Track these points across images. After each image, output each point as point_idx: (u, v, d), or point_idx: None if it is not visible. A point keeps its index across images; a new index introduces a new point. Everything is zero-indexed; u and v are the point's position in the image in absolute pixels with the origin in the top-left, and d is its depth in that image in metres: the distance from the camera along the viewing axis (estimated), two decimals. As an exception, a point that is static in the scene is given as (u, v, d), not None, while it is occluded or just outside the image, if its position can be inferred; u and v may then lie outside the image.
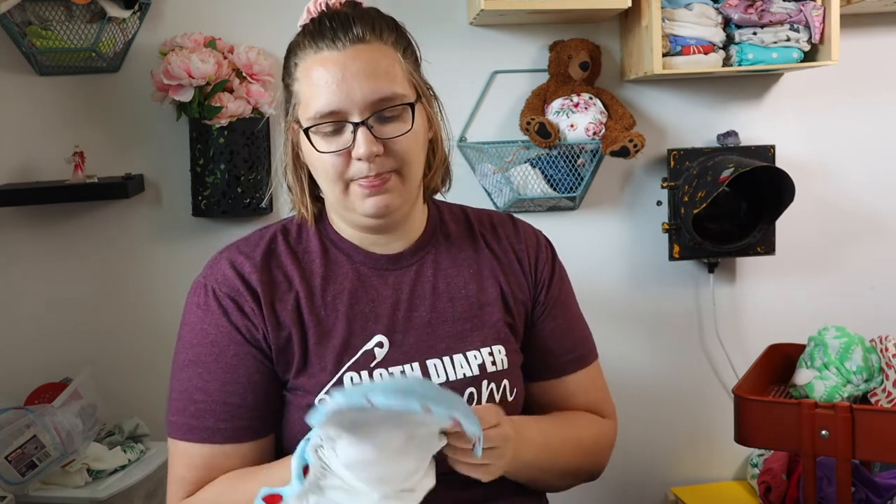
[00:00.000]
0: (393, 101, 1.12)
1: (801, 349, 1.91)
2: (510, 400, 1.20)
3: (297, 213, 1.24)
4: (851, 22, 2.23)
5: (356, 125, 1.10)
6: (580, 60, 2.08)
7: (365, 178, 1.12)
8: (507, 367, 1.20)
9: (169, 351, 1.21)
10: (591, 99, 2.08)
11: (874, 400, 1.76)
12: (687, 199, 2.11)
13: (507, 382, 1.19)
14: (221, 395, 1.13)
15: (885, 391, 1.76)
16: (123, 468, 1.84)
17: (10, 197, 1.87)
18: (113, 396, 2.01)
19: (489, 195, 2.15)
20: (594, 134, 2.03)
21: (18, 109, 1.99)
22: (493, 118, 2.16)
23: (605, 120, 2.07)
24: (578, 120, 2.03)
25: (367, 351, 1.15)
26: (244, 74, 1.95)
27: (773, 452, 2.09)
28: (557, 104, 2.07)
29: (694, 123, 2.24)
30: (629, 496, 2.30)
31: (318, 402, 1.12)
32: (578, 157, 2.08)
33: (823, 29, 2.05)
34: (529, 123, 2.03)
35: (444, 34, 2.10)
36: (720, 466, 2.33)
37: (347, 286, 1.18)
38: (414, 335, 1.17)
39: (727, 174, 2.00)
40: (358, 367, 1.14)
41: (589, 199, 2.21)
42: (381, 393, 0.89)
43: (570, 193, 2.10)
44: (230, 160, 1.96)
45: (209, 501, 1.13)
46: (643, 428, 2.24)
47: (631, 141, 1.99)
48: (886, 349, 1.79)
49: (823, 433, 1.62)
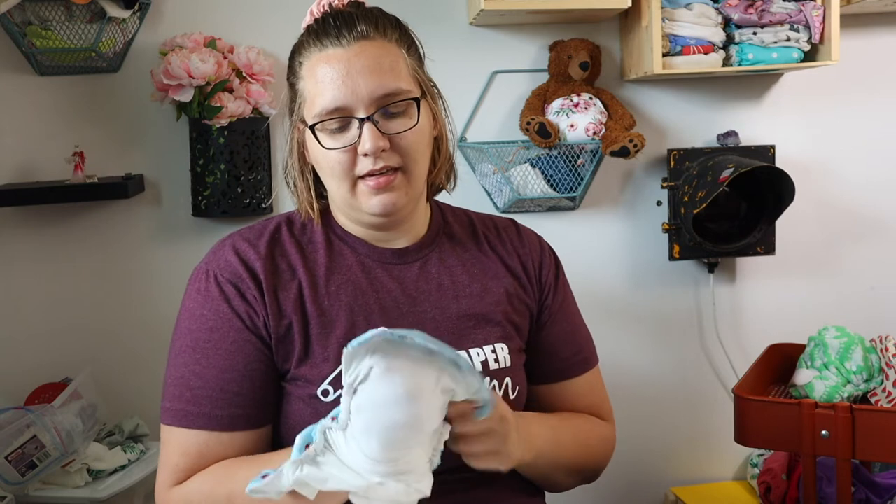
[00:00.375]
0: (398, 96, 1.12)
1: (801, 349, 1.91)
2: (512, 398, 1.20)
3: (302, 212, 1.23)
4: (851, 22, 2.23)
5: (362, 121, 1.11)
6: (580, 60, 2.08)
7: (371, 175, 1.12)
8: (509, 365, 1.20)
9: (169, 351, 1.21)
10: (591, 99, 2.08)
11: (874, 400, 1.76)
12: (687, 199, 2.11)
13: (509, 380, 1.19)
14: (219, 382, 1.12)
15: (885, 391, 1.76)
16: (123, 468, 1.84)
17: (10, 197, 1.87)
18: (113, 396, 2.01)
19: (489, 195, 2.15)
20: (594, 134, 2.03)
21: (18, 109, 1.99)
22: (493, 118, 2.16)
23: (605, 120, 2.07)
24: (578, 120, 2.03)
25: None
26: (244, 74, 1.96)
27: (773, 452, 2.09)
28: (557, 104, 2.07)
29: (694, 123, 2.24)
30: (629, 496, 2.30)
31: (320, 393, 1.11)
32: (578, 157, 2.08)
33: (823, 29, 2.05)
34: (529, 123, 2.03)
35: (444, 34, 2.10)
36: (720, 466, 2.33)
37: (351, 277, 1.18)
38: (417, 330, 1.17)
39: (727, 174, 2.00)
40: None
41: (589, 199, 2.21)
42: (417, 335, 0.94)
43: (570, 193, 2.10)
44: (230, 160, 1.96)
45: (202, 491, 1.11)
46: (643, 428, 2.24)
47: (631, 141, 1.99)
48: (886, 349, 1.79)
49: (823, 433, 1.62)
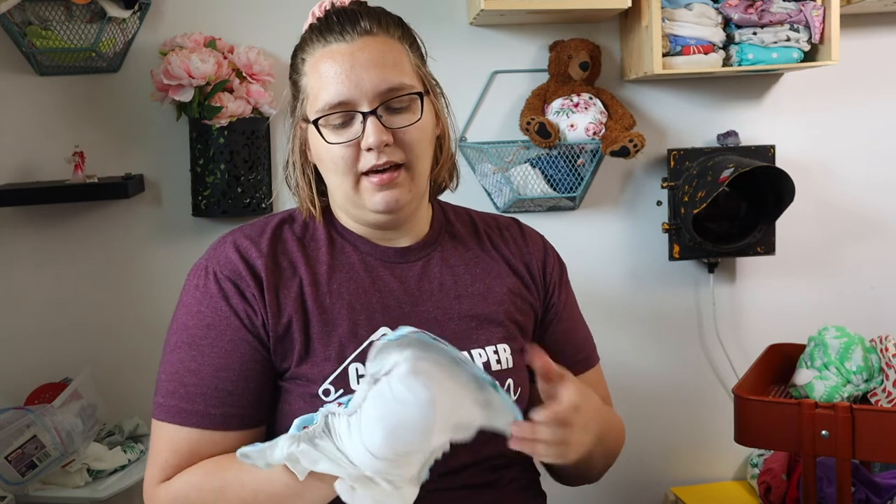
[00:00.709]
0: (402, 90, 1.12)
1: (801, 349, 1.91)
2: (513, 399, 1.20)
3: (304, 211, 1.22)
4: (851, 22, 2.23)
5: (365, 115, 1.10)
6: (580, 60, 2.08)
7: (375, 171, 1.12)
8: (511, 366, 1.19)
9: (169, 351, 1.20)
10: (591, 99, 2.08)
11: (874, 400, 1.76)
12: (687, 199, 2.11)
13: (511, 381, 1.19)
14: (214, 380, 1.11)
15: (885, 391, 1.76)
16: (123, 468, 1.84)
17: (10, 197, 1.87)
18: (113, 396, 2.01)
19: (489, 195, 2.15)
20: (594, 134, 2.03)
21: (18, 109, 1.99)
22: (493, 118, 2.16)
23: (605, 120, 2.07)
24: (578, 120, 2.03)
25: (372, 342, 1.13)
26: (244, 74, 1.95)
27: (773, 452, 2.09)
28: (557, 104, 2.07)
29: (694, 123, 2.24)
30: (629, 496, 2.29)
31: (321, 392, 1.10)
32: (578, 157, 2.08)
33: (823, 29, 2.05)
34: (529, 123, 2.03)
35: (444, 34, 2.10)
36: (720, 466, 2.33)
37: (353, 275, 1.18)
38: (424, 331, 1.16)
39: (727, 174, 2.00)
40: (363, 357, 1.11)
41: (589, 199, 2.21)
42: (447, 344, 0.96)
43: (570, 193, 2.10)
44: (230, 160, 1.96)
45: (191, 483, 1.09)
46: (643, 428, 2.24)
47: (631, 141, 1.99)
48: (886, 349, 1.79)
49: (823, 433, 1.62)
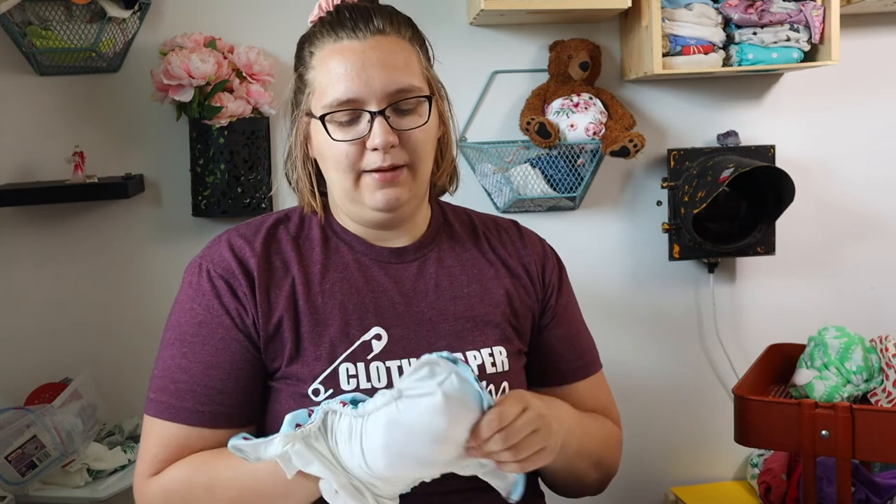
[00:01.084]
0: (411, 92, 1.12)
1: (801, 349, 1.91)
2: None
3: (304, 205, 1.22)
4: (851, 22, 2.23)
5: (373, 115, 1.10)
6: (580, 60, 2.08)
7: (377, 170, 1.11)
8: (507, 368, 1.18)
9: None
10: (591, 99, 2.08)
11: (874, 400, 1.76)
12: (687, 199, 2.11)
13: (506, 384, 1.17)
14: (203, 377, 1.11)
15: (885, 391, 1.76)
16: (123, 468, 1.83)
17: (10, 197, 1.87)
18: (113, 396, 2.01)
19: (489, 195, 2.15)
20: (594, 134, 2.03)
21: (18, 109, 1.99)
22: (493, 118, 2.16)
23: (605, 120, 2.06)
24: (578, 120, 2.03)
25: (364, 342, 1.13)
26: (244, 74, 1.95)
27: (773, 452, 2.09)
28: (557, 104, 2.07)
29: (694, 123, 2.24)
30: (629, 496, 2.29)
31: (310, 391, 1.10)
32: (578, 157, 2.08)
33: (823, 29, 2.05)
34: (529, 123, 2.03)
35: (444, 34, 2.08)
36: (720, 466, 2.33)
37: (347, 275, 1.17)
38: (413, 331, 1.16)
39: (727, 174, 2.00)
40: (354, 358, 1.12)
41: (589, 199, 2.21)
42: (484, 390, 0.99)
43: (570, 193, 2.10)
44: (230, 160, 1.96)
45: (179, 479, 1.09)
46: (643, 428, 2.24)
47: (631, 141, 1.99)
48: (886, 349, 1.79)
49: (823, 433, 1.62)
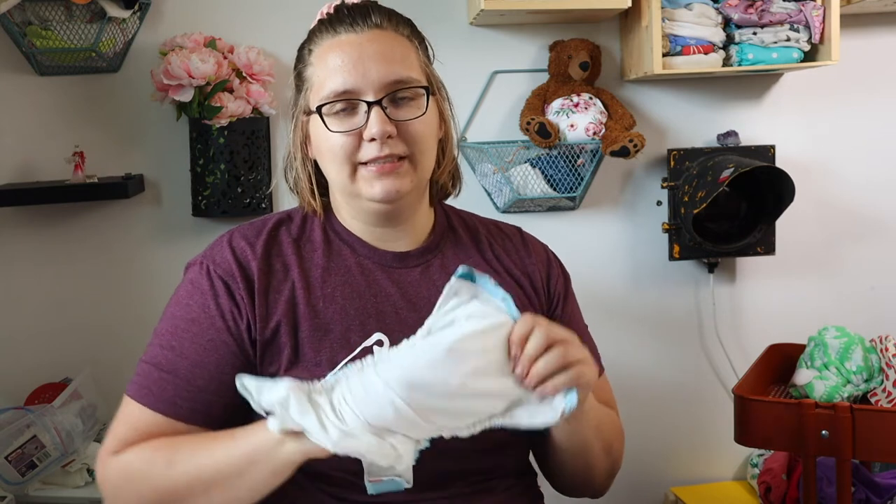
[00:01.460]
0: (408, 83, 1.12)
1: (801, 349, 1.91)
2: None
3: (305, 206, 1.22)
4: (851, 22, 2.23)
5: (370, 105, 1.10)
6: (580, 60, 2.08)
7: (375, 160, 1.10)
8: None
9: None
10: (591, 99, 2.08)
11: (874, 400, 1.76)
12: (687, 199, 2.11)
13: None
14: (188, 373, 1.10)
15: (885, 391, 1.76)
16: (123, 468, 1.83)
17: (10, 197, 1.87)
18: (113, 396, 1.98)
19: (489, 195, 2.15)
20: (594, 134, 2.03)
21: (18, 109, 1.99)
22: (493, 118, 2.16)
23: (605, 120, 2.06)
24: (578, 120, 2.03)
25: (365, 348, 1.11)
26: (244, 74, 1.95)
27: (773, 452, 2.09)
28: (557, 104, 2.07)
29: (694, 123, 2.24)
30: (629, 496, 2.29)
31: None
32: (578, 157, 2.08)
33: (823, 29, 2.05)
34: (529, 123, 2.03)
35: (444, 34, 2.08)
36: (720, 466, 2.33)
37: (349, 279, 1.16)
38: None
39: (727, 174, 2.00)
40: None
41: (589, 199, 2.21)
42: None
43: (570, 193, 2.10)
44: (230, 160, 1.96)
45: (142, 456, 1.08)
46: (643, 428, 2.24)
47: (631, 141, 1.99)
48: (886, 349, 1.79)
49: (823, 433, 1.62)
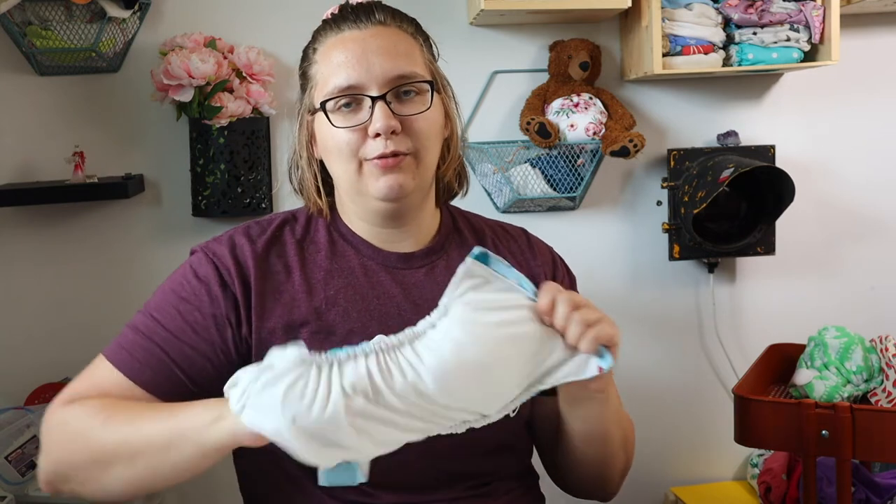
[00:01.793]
0: (412, 78, 1.12)
1: (801, 349, 1.91)
2: (512, 415, 1.16)
3: (311, 206, 1.21)
4: (851, 22, 2.23)
5: (374, 100, 1.10)
6: (580, 60, 2.08)
7: (380, 156, 1.10)
8: None
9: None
10: (591, 99, 2.08)
11: (874, 400, 1.76)
12: (687, 199, 2.11)
13: None
14: (162, 343, 1.08)
15: (885, 391, 1.76)
16: (123, 468, 1.83)
17: (10, 197, 1.87)
18: (113, 396, 2.01)
19: (489, 195, 2.15)
20: (594, 134, 2.03)
21: (18, 109, 1.99)
22: (493, 118, 2.16)
23: (605, 120, 2.06)
24: (578, 120, 2.03)
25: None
26: (244, 74, 1.95)
27: (773, 452, 2.09)
28: (557, 104, 2.07)
29: (694, 123, 2.24)
30: (629, 496, 2.28)
31: None
32: (578, 157, 2.08)
33: (823, 29, 2.05)
34: (529, 123, 2.03)
35: (444, 34, 2.04)
36: (720, 466, 2.33)
37: (352, 281, 1.15)
38: None
39: (727, 174, 2.00)
40: None
41: (589, 199, 2.21)
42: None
43: (570, 193, 2.10)
44: (230, 160, 1.96)
45: (85, 411, 1.04)
46: (643, 428, 2.21)
47: (631, 141, 1.99)
48: (886, 349, 1.79)
49: (823, 433, 1.62)
